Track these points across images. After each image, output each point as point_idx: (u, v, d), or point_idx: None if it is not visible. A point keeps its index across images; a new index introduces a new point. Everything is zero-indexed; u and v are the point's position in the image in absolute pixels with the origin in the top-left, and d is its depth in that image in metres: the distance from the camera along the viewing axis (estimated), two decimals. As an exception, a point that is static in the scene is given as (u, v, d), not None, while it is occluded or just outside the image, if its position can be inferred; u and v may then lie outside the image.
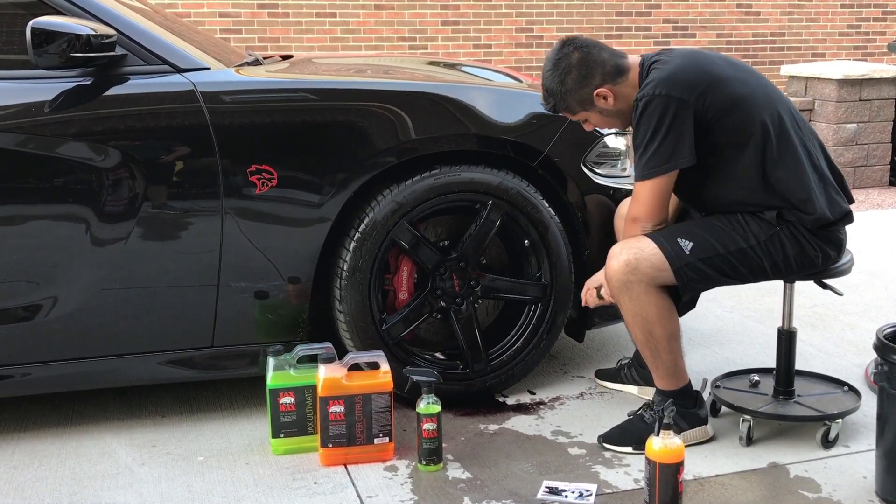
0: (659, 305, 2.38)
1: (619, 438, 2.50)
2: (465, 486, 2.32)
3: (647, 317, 2.38)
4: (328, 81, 2.74)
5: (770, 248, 2.37)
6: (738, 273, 2.40)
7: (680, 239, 2.37)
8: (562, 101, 2.43)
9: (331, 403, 2.39)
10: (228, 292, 2.56)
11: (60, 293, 2.46)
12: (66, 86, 2.43)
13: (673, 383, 2.47)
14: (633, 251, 2.35)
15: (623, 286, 2.36)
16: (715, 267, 2.37)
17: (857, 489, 2.28)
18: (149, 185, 2.45)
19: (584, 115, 2.48)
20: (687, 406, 2.49)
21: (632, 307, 2.38)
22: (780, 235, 2.37)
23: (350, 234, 2.63)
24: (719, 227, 2.39)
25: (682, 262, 2.35)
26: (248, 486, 2.33)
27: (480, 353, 2.79)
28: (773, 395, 2.61)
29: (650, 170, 2.33)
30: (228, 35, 6.34)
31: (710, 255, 2.36)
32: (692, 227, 2.43)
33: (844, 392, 2.63)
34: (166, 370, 2.59)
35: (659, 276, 2.35)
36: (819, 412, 2.51)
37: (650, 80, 2.33)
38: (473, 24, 6.88)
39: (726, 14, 7.73)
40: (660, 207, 2.37)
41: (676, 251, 2.35)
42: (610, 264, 2.39)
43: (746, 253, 2.37)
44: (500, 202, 2.72)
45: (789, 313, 2.62)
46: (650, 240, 2.36)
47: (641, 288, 2.35)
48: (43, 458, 2.49)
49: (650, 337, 2.41)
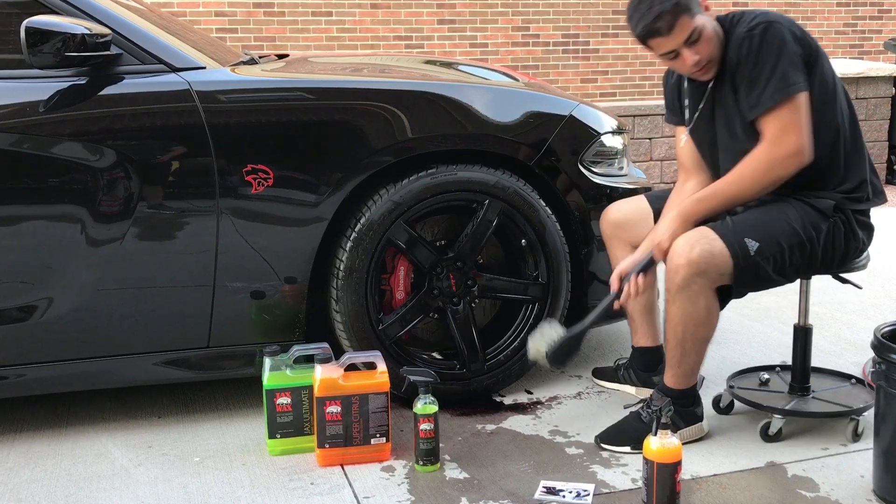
0: (710, 308, 2.32)
1: (616, 438, 2.49)
2: (462, 487, 2.31)
3: (696, 318, 2.32)
4: (324, 81, 2.73)
5: (825, 242, 2.35)
6: (793, 271, 2.36)
7: (747, 239, 2.28)
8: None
9: (327, 404, 2.38)
10: (224, 292, 2.55)
11: (56, 294, 2.46)
12: (60, 85, 2.42)
13: (685, 383, 2.44)
14: (703, 252, 2.25)
15: (685, 286, 2.28)
16: (776, 268, 2.31)
17: (854, 488, 2.27)
18: (144, 185, 2.44)
19: (699, 23, 2.26)
20: (686, 405, 2.48)
21: (684, 307, 2.31)
22: (833, 227, 2.35)
23: (346, 234, 2.62)
24: (782, 220, 2.32)
25: (745, 265, 2.28)
26: (244, 487, 2.32)
27: (477, 353, 2.78)
28: (790, 392, 2.62)
29: (788, 87, 2.19)
30: (224, 34, 6.32)
31: (773, 254, 2.30)
32: (758, 223, 2.32)
33: (853, 385, 2.66)
34: (162, 371, 2.58)
35: (720, 279, 2.30)
36: (845, 407, 2.52)
37: (757, 14, 2.27)
38: (470, 22, 6.87)
39: (723, 12, 7.73)
40: (810, 132, 2.23)
41: (743, 253, 2.28)
42: (676, 261, 2.28)
43: (805, 248, 2.33)
44: (497, 201, 2.72)
45: (805, 309, 2.62)
46: (720, 239, 2.28)
47: (701, 290, 2.28)
48: (38, 459, 2.48)
49: (688, 337, 2.35)
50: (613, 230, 2.71)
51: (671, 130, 2.99)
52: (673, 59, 2.34)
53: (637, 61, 7.21)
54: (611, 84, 7.14)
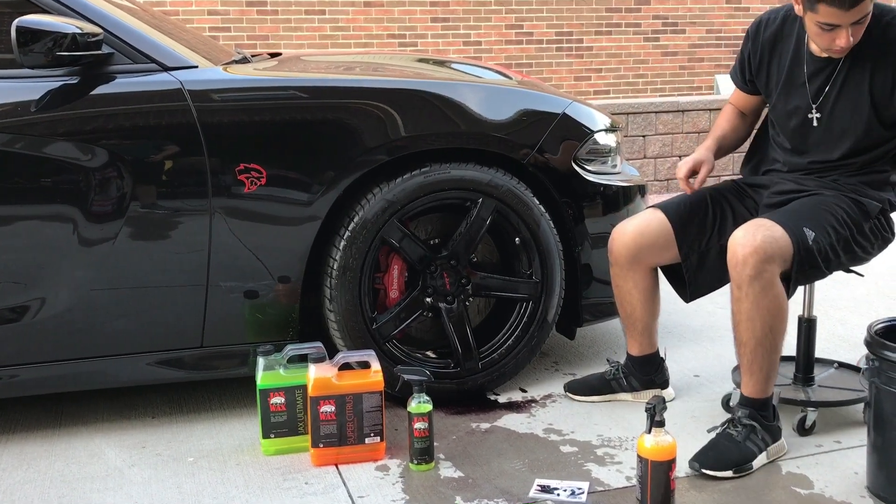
0: (783, 297, 2.25)
1: (716, 462, 2.31)
2: (456, 485, 2.31)
3: (773, 309, 2.24)
4: (317, 79, 2.73)
5: (864, 241, 2.37)
6: (835, 266, 2.36)
7: (805, 228, 2.27)
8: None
9: (321, 403, 2.38)
10: (218, 292, 2.54)
11: (48, 294, 2.45)
12: (52, 85, 2.41)
13: (765, 390, 2.35)
14: (766, 237, 2.22)
15: (756, 275, 2.21)
16: (826, 259, 2.30)
17: (848, 484, 2.28)
18: (137, 185, 2.44)
19: (870, 8, 2.22)
20: (768, 418, 2.38)
21: (758, 300, 2.23)
22: (873, 227, 2.38)
23: (340, 233, 2.62)
24: (832, 213, 2.32)
25: (805, 255, 2.26)
26: (238, 488, 2.32)
27: (472, 352, 2.78)
28: (794, 382, 2.65)
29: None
30: (217, 33, 6.31)
31: (825, 246, 2.29)
32: (812, 213, 2.32)
33: (836, 369, 2.75)
34: (156, 371, 2.58)
35: (785, 265, 2.25)
36: (857, 391, 2.57)
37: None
38: (463, 20, 6.87)
39: (716, 10, 7.74)
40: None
41: (803, 240, 2.26)
42: (742, 251, 2.23)
43: (850, 243, 2.34)
44: (491, 200, 2.71)
45: (810, 302, 2.65)
46: (777, 225, 2.26)
47: (773, 277, 2.23)
48: (31, 460, 2.48)
49: (769, 333, 2.27)
50: (635, 255, 2.55)
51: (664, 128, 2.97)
52: (827, 30, 2.23)
53: (630, 59, 7.22)
54: (604, 82, 7.15)
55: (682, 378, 2.96)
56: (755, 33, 2.54)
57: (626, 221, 2.60)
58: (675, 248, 2.52)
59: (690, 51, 7.65)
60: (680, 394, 2.83)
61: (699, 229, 2.52)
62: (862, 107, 2.35)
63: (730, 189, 2.60)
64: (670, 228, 2.52)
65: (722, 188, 2.61)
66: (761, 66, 2.54)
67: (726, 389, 2.75)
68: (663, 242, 2.52)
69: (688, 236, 2.51)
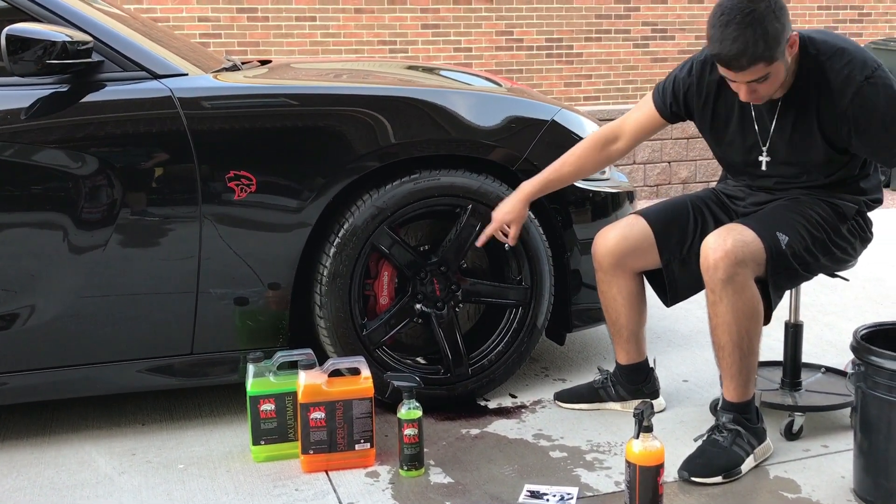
0: (757, 299, 2.27)
1: (704, 469, 2.32)
2: (446, 491, 2.31)
3: (747, 311, 2.27)
4: (307, 87, 2.74)
5: (843, 242, 2.38)
6: (814, 269, 2.38)
7: (778, 232, 2.29)
8: (776, 44, 2.10)
9: (311, 410, 2.38)
10: (208, 299, 2.55)
11: (38, 301, 2.45)
12: (42, 93, 2.41)
13: (746, 393, 2.37)
14: (737, 241, 2.24)
15: (729, 278, 2.23)
16: (802, 262, 2.32)
17: (835, 488, 2.29)
18: (127, 192, 2.44)
19: (774, 68, 2.15)
20: (752, 420, 2.39)
21: (733, 302, 2.26)
22: (851, 228, 2.40)
23: (330, 240, 2.63)
24: (807, 217, 2.34)
25: (778, 258, 2.28)
26: (228, 494, 2.32)
27: (462, 358, 2.79)
28: (781, 387, 2.67)
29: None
30: (208, 39, 6.31)
31: (800, 250, 2.30)
32: (786, 218, 2.34)
33: (824, 373, 2.77)
34: (146, 378, 2.57)
35: (758, 269, 2.27)
36: (844, 395, 2.58)
37: (855, 59, 2.19)
38: (454, 27, 6.88)
39: (705, 17, 7.76)
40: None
41: (775, 244, 2.27)
42: (713, 256, 2.25)
43: (827, 245, 2.35)
44: (481, 206, 2.72)
45: (796, 307, 2.67)
46: (749, 230, 2.28)
47: (746, 280, 2.25)
48: (21, 467, 2.47)
49: (745, 336, 2.29)
50: (618, 260, 2.56)
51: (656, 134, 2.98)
52: (733, 82, 2.24)
53: (620, 65, 7.24)
54: (594, 88, 7.16)
55: (671, 383, 2.97)
56: (700, 72, 2.41)
57: (608, 227, 2.61)
58: (656, 254, 2.53)
59: (680, 57, 7.67)
60: (669, 399, 2.84)
61: (680, 235, 2.53)
62: (816, 144, 2.32)
63: (710, 196, 2.62)
64: (651, 234, 2.53)
65: (703, 195, 2.62)
66: (705, 106, 2.43)
67: (715, 394, 2.76)
68: (646, 247, 2.53)
69: (669, 242, 2.53)
